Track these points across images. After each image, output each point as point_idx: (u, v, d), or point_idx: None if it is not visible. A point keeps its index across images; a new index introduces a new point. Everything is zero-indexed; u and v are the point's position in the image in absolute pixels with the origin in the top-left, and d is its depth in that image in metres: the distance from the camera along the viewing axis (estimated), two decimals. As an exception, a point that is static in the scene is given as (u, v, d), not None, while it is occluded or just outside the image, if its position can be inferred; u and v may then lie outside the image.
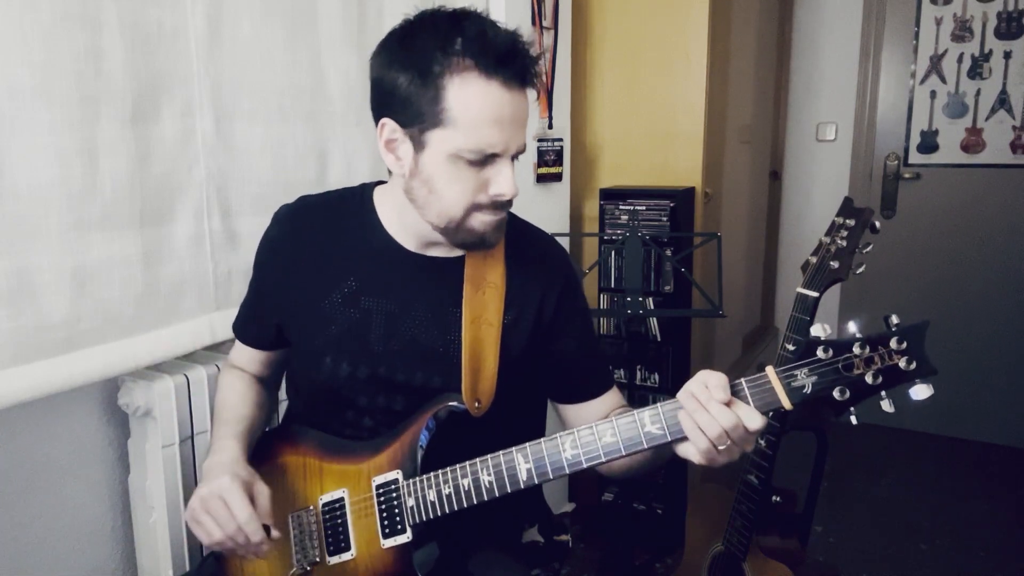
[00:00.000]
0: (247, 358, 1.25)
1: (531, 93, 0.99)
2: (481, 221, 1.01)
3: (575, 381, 1.17)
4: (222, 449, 1.07)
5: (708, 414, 0.86)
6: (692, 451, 0.90)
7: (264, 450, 1.16)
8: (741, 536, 1.45)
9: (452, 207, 0.99)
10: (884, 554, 2.43)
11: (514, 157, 0.99)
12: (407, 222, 1.07)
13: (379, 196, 1.13)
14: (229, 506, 0.98)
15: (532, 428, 1.24)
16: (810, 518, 1.54)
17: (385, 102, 0.99)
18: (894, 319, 0.87)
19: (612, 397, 1.19)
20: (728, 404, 0.86)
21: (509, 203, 1.02)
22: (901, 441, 3.26)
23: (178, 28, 1.31)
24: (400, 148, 1.00)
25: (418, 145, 0.97)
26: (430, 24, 0.96)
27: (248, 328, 1.24)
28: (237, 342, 1.27)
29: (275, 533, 1.02)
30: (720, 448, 0.87)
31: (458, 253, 1.09)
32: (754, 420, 0.86)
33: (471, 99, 0.93)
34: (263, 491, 1.02)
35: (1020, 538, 2.52)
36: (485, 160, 0.96)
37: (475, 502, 0.98)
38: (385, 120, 0.99)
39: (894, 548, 2.47)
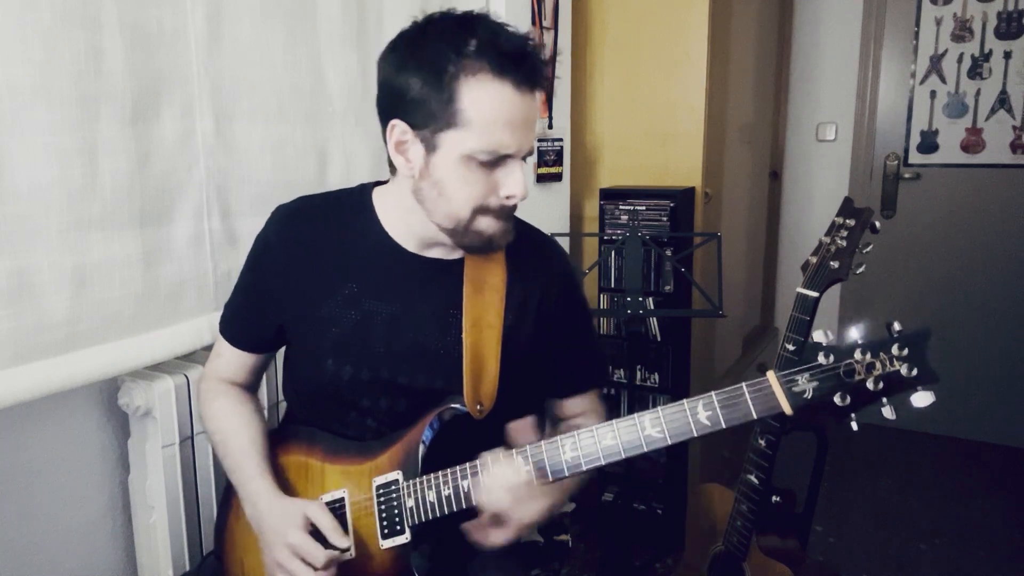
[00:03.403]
0: (237, 365, 1.20)
1: (539, 95, 0.99)
2: (488, 224, 1.01)
3: (558, 376, 1.18)
4: (257, 495, 1.06)
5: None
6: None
7: (265, 451, 1.15)
8: (741, 536, 1.45)
9: (461, 209, 0.99)
10: (884, 554, 2.43)
11: (523, 159, 1.00)
12: (412, 222, 1.07)
13: (378, 197, 1.12)
14: (305, 558, 0.99)
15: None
16: (810, 518, 1.54)
17: (395, 104, 0.98)
18: (896, 326, 0.87)
19: (587, 400, 1.20)
20: None
21: (515, 207, 1.02)
22: (901, 441, 3.26)
23: (178, 28, 1.31)
24: (411, 150, 1.00)
25: (430, 147, 0.97)
26: (441, 27, 0.96)
27: (245, 331, 1.19)
28: (223, 350, 1.20)
29: (346, 544, 1.03)
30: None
31: (458, 255, 1.09)
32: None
33: (485, 100, 0.93)
34: (323, 521, 1.02)
35: (1020, 538, 2.52)
36: (497, 162, 0.97)
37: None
38: (395, 122, 0.99)
39: (894, 548, 2.47)
